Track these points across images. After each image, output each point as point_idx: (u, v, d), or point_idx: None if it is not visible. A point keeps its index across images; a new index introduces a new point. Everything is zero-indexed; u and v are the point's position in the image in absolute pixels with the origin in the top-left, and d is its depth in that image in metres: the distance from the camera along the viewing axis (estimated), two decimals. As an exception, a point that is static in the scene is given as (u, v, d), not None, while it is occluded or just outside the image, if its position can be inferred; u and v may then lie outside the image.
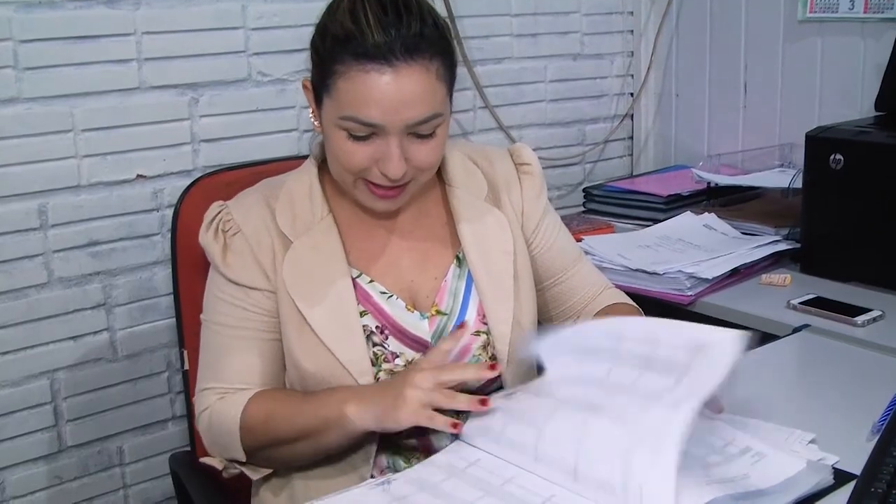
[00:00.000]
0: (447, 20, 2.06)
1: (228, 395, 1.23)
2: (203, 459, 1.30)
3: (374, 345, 1.23)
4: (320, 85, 1.17)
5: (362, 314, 1.24)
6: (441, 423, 1.09)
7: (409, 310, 1.26)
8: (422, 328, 1.25)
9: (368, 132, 1.14)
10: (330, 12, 1.17)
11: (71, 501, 1.79)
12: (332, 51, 1.13)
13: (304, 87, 1.23)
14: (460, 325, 1.24)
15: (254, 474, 1.24)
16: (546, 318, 1.42)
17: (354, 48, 1.11)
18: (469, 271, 1.29)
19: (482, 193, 1.33)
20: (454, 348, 1.17)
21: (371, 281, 1.26)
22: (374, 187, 1.19)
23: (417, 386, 1.09)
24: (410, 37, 1.12)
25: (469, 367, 1.17)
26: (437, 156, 1.20)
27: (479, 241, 1.30)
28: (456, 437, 1.12)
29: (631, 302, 1.42)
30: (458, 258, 1.30)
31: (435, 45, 1.15)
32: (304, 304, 1.21)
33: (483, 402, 1.09)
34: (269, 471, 1.24)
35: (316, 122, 1.23)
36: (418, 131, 1.16)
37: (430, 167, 1.22)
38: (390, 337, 1.24)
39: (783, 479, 0.97)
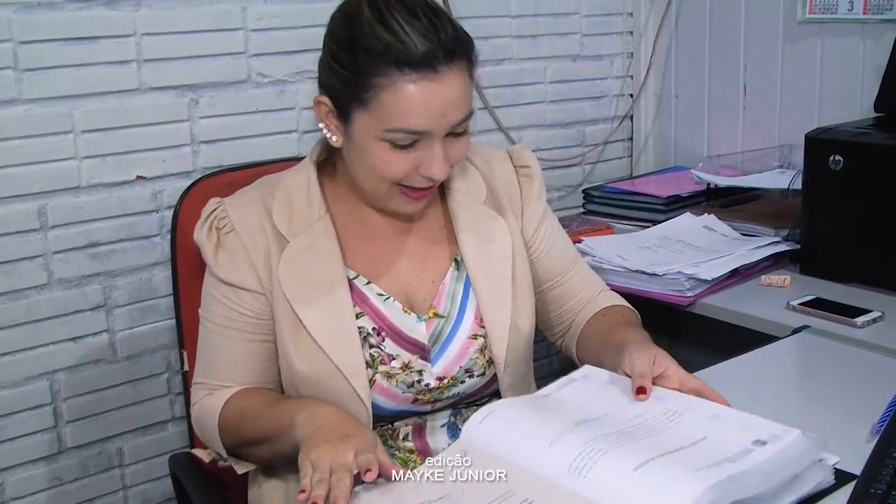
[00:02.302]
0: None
1: (215, 391, 1.25)
2: (193, 451, 1.31)
3: (371, 346, 1.23)
4: (350, 100, 1.15)
5: (359, 316, 1.23)
6: (302, 482, 1.00)
7: (406, 312, 1.26)
8: (419, 330, 1.25)
9: (413, 139, 1.14)
10: (351, 25, 1.15)
11: (71, 502, 1.79)
12: (370, 64, 1.12)
13: (318, 103, 1.20)
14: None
15: (239, 468, 1.25)
16: (543, 321, 1.42)
17: (397, 59, 1.11)
18: (467, 275, 1.29)
19: (481, 196, 1.33)
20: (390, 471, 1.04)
21: (368, 283, 1.26)
22: (410, 190, 1.20)
23: (333, 450, 1.02)
24: (449, 41, 1.13)
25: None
26: (466, 150, 1.23)
27: (477, 245, 1.30)
28: (456, 437, 1.12)
29: (627, 304, 1.42)
30: (456, 261, 1.30)
31: (466, 45, 1.16)
32: (300, 304, 1.21)
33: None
34: (253, 466, 1.25)
35: (335, 138, 1.21)
36: (456, 130, 1.17)
37: (461, 161, 1.25)
38: (387, 339, 1.24)
39: (769, 455, 0.97)
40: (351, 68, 1.14)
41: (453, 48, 1.13)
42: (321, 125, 1.22)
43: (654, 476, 0.93)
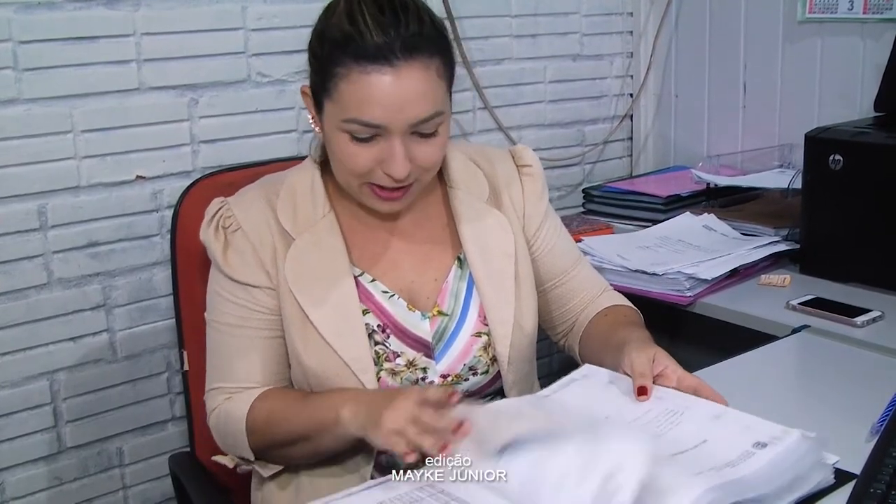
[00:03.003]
0: (447, 21, 2.06)
1: (235, 394, 1.24)
2: (214, 458, 1.30)
3: (376, 343, 1.23)
4: (320, 89, 1.17)
5: (364, 313, 1.24)
6: (401, 450, 1.03)
7: (410, 309, 1.26)
8: (423, 328, 1.26)
9: (371, 133, 1.14)
10: (326, 16, 1.17)
11: (71, 502, 1.79)
12: (332, 54, 1.13)
13: (303, 93, 1.23)
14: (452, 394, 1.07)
15: (265, 471, 1.25)
16: (546, 320, 1.42)
17: (354, 50, 1.11)
18: (470, 273, 1.29)
19: (483, 195, 1.33)
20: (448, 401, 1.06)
21: (373, 280, 1.26)
22: (379, 189, 1.19)
23: (396, 409, 1.05)
24: (409, 36, 1.12)
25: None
26: (439, 154, 1.21)
27: (480, 243, 1.30)
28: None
29: (629, 304, 1.42)
30: (459, 259, 1.30)
31: (434, 43, 1.15)
32: (307, 301, 1.22)
33: (444, 448, 1.01)
34: (279, 468, 1.25)
35: (317, 128, 1.23)
36: (421, 130, 1.16)
37: (434, 166, 1.22)
38: (392, 336, 1.24)
39: (770, 458, 0.97)
40: (319, 57, 1.16)
41: (415, 44, 1.12)
42: (308, 116, 1.24)
43: (654, 479, 0.93)
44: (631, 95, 2.51)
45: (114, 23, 1.69)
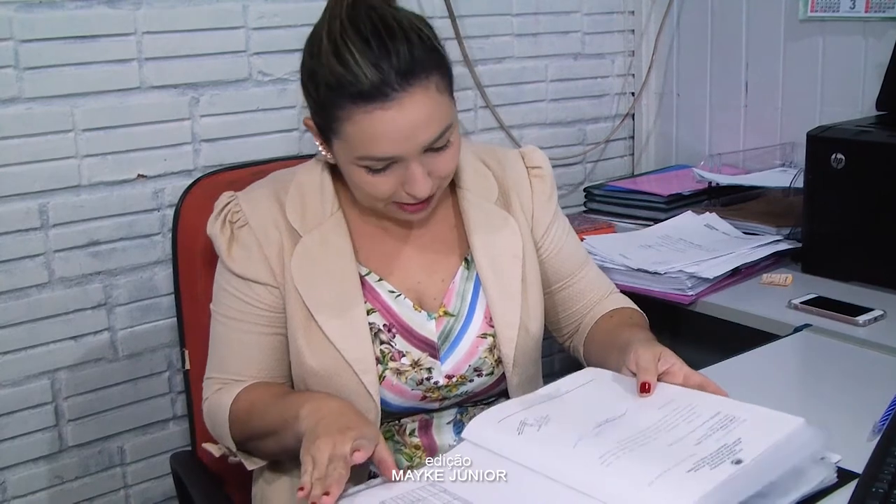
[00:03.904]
0: (447, 20, 2.07)
1: (226, 386, 1.25)
2: (204, 445, 1.31)
3: (382, 343, 1.23)
4: (326, 128, 1.16)
5: (370, 312, 1.24)
6: (303, 479, 1.00)
7: (416, 309, 1.26)
8: (428, 328, 1.26)
9: (387, 164, 1.14)
10: (313, 55, 1.15)
11: (72, 501, 1.79)
12: (328, 98, 1.12)
13: (307, 125, 1.22)
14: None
15: (249, 464, 1.24)
16: (552, 321, 1.42)
17: (350, 92, 1.10)
18: (477, 274, 1.29)
19: (492, 196, 1.33)
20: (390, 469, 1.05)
21: (380, 279, 1.26)
22: (405, 205, 1.20)
23: (331, 440, 1.02)
24: (402, 64, 1.10)
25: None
26: (455, 161, 1.21)
27: (488, 245, 1.30)
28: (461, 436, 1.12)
29: (635, 306, 1.42)
30: (466, 261, 1.30)
31: (427, 62, 1.12)
32: (311, 299, 1.22)
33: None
34: (263, 462, 1.24)
35: (328, 155, 1.22)
36: (434, 146, 1.15)
37: (451, 172, 1.22)
38: (397, 336, 1.24)
39: (774, 442, 0.97)
40: (317, 100, 1.15)
41: (409, 69, 1.10)
42: (316, 142, 1.23)
43: (661, 488, 0.93)
44: (632, 94, 2.51)
45: (115, 21, 1.69)
